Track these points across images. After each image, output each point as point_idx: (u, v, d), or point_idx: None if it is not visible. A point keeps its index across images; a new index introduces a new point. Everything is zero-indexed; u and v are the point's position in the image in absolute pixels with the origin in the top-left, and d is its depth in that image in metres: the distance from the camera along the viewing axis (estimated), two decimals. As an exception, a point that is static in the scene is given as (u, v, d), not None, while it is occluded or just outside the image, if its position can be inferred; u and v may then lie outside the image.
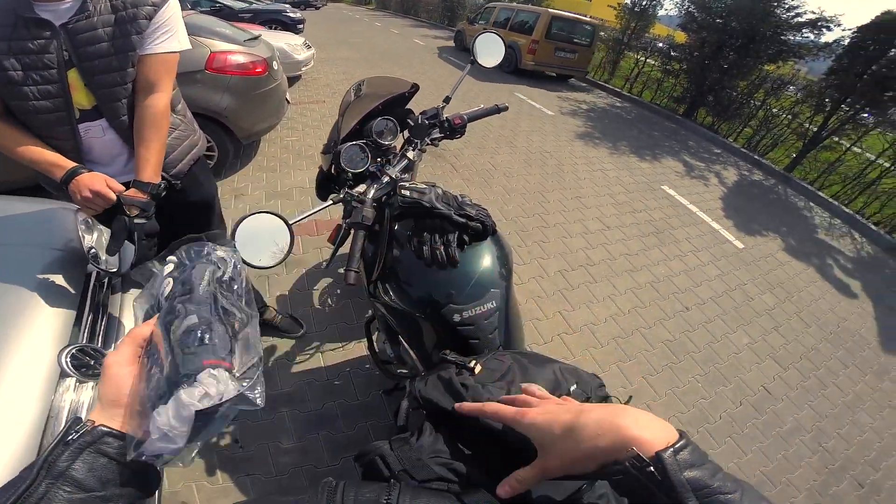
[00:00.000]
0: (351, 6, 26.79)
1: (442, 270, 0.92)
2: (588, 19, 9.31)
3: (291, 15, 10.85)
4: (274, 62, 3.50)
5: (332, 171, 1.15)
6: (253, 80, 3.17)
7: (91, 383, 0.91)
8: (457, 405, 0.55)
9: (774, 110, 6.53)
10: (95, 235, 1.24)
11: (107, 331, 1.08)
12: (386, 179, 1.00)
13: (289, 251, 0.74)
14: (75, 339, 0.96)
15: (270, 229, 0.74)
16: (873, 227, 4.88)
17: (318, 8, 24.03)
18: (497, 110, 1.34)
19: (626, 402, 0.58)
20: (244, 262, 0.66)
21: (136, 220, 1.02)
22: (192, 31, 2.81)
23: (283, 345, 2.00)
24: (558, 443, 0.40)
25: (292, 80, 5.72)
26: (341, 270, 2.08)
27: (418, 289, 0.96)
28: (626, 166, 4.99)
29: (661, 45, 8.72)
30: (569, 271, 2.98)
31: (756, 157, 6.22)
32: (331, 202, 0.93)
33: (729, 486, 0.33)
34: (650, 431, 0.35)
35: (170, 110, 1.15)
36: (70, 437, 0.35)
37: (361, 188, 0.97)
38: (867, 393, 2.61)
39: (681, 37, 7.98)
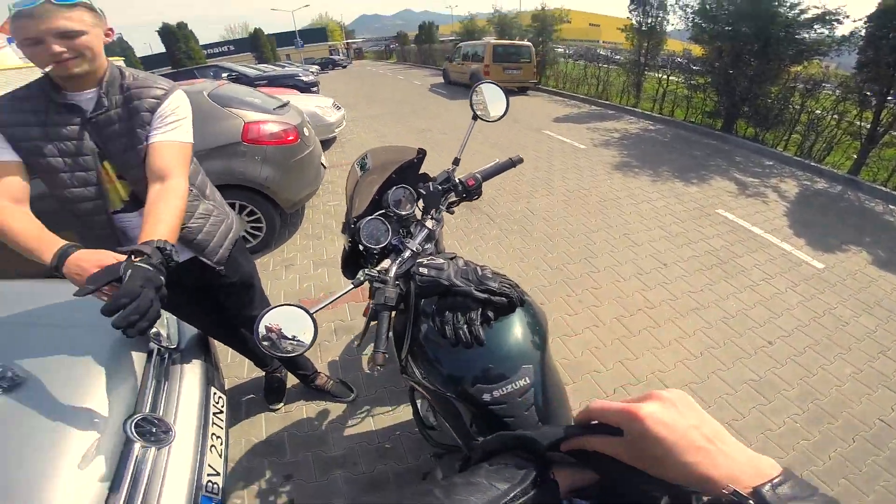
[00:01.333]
0: (373, 62, 28.32)
1: (468, 349, 0.89)
2: (523, 42, 11.81)
3: (304, 79, 10.91)
4: (304, 128, 3.46)
5: (359, 247, 1.11)
6: (287, 149, 3.13)
7: (153, 448, 1.00)
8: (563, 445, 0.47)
9: (817, 112, 6.08)
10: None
11: (167, 400, 1.19)
12: (408, 253, 1.01)
13: (313, 339, 0.76)
14: (140, 409, 1.06)
15: (293, 319, 0.76)
16: (971, 223, 4.36)
17: (345, 66, 25.55)
18: (511, 164, 1.28)
19: None
20: (269, 351, 0.75)
21: (146, 266, 0.82)
22: (224, 102, 3.02)
23: (335, 409, 2.09)
24: (657, 445, 0.37)
25: (327, 144, 5.66)
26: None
27: (447, 367, 0.94)
28: (673, 193, 4.74)
29: (679, 60, 8.39)
30: (626, 317, 2.81)
31: (813, 163, 5.76)
32: (352, 286, 0.94)
33: None
34: (749, 467, 0.35)
35: (187, 191, 1.08)
36: None
37: (386, 264, 0.99)
38: None
39: (697, 50, 7.78)
